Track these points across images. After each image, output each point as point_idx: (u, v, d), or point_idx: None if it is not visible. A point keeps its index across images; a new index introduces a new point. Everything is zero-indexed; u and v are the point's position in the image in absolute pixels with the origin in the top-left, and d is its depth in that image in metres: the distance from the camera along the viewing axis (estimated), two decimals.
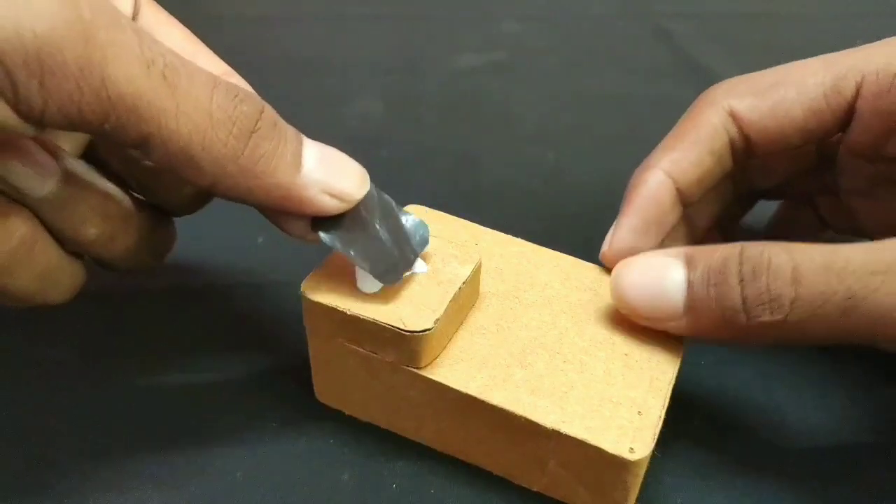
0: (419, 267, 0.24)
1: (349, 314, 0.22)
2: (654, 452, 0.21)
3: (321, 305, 0.23)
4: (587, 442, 0.21)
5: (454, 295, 0.23)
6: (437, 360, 0.23)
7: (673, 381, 0.23)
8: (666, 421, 0.22)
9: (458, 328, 0.24)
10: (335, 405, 0.26)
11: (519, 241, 0.28)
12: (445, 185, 0.39)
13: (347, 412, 0.26)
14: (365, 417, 0.26)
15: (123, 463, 0.25)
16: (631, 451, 0.21)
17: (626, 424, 0.22)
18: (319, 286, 0.23)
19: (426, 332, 0.22)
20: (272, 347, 0.29)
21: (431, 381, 0.23)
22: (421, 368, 0.23)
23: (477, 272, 0.24)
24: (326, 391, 0.26)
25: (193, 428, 0.26)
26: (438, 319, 0.22)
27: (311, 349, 0.25)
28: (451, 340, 0.24)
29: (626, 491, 0.22)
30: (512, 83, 0.49)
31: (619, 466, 0.21)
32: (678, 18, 0.57)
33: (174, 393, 0.27)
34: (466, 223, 0.28)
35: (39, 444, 0.25)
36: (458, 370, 0.23)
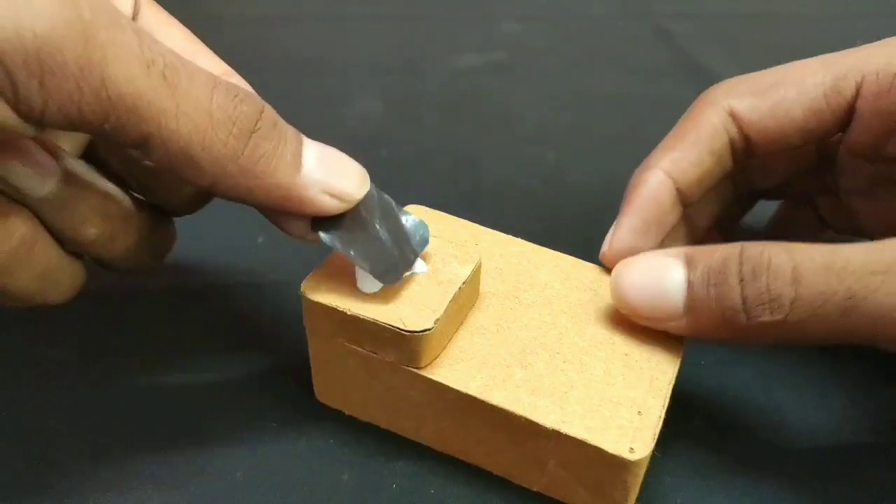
0: (419, 267, 0.24)
1: (349, 314, 0.22)
2: (654, 452, 0.21)
3: (321, 305, 0.23)
4: (587, 442, 0.21)
5: (454, 295, 0.23)
6: (437, 360, 0.23)
7: (673, 381, 0.23)
8: (666, 421, 0.22)
9: (458, 328, 0.24)
10: (335, 405, 0.26)
11: (519, 241, 0.28)
12: (445, 185, 0.39)
13: (347, 412, 0.26)
14: (365, 417, 0.26)
15: (123, 463, 0.25)
16: (631, 451, 0.21)
17: (626, 424, 0.22)
18: (319, 286, 0.23)
19: (426, 332, 0.22)
20: (272, 347, 0.29)
21: (431, 381, 0.23)
22: (421, 368, 0.23)
23: (477, 272, 0.24)
24: (326, 391, 0.26)
25: (193, 428, 0.26)
26: (438, 319, 0.22)
27: (310, 349, 0.25)
28: (451, 340, 0.24)
29: (625, 491, 0.22)
30: (512, 83, 0.49)
31: (618, 466, 0.21)
32: (678, 18, 0.57)
33: (174, 393, 0.27)
34: (466, 223, 0.28)
35: (39, 444, 0.25)
36: (458, 370, 0.23)
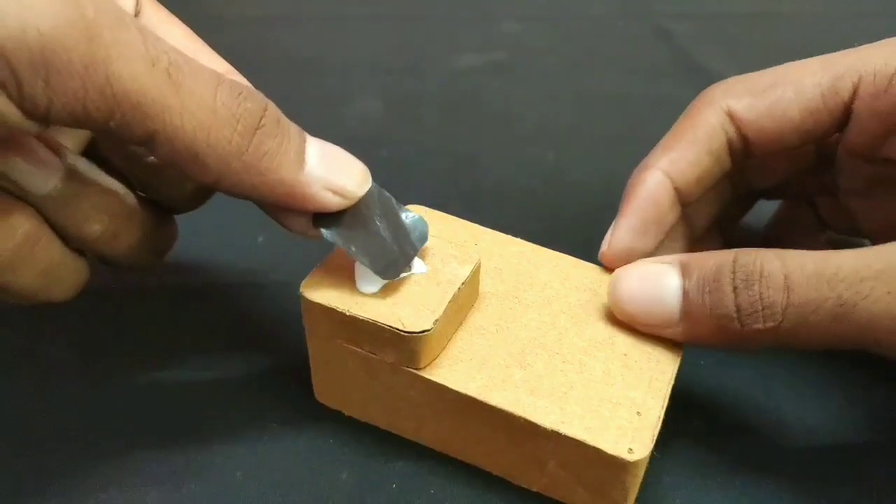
0: (418, 267, 0.24)
1: (348, 315, 0.22)
2: (653, 453, 0.21)
3: (320, 306, 0.23)
4: (586, 442, 0.21)
5: (453, 295, 0.23)
6: (436, 360, 0.23)
7: (672, 381, 0.23)
8: (665, 421, 0.22)
9: (457, 328, 0.24)
10: (334, 406, 0.26)
11: (518, 241, 0.28)
12: (445, 185, 0.39)
13: (347, 413, 0.26)
14: (364, 418, 0.26)
15: (123, 462, 0.25)
16: (630, 451, 0.21)
17: (625, 425, 0.22)
18: (318, 286, 0.23)
19: (425, 332, 0.22)
20: (272, 347, 0.29)
21: (431, 381, 0.23)
22: (420, 369, 0.23)
23: (476, 272, 0.24)
24: (326, 391, 0.26)
25: (193, 427, 0.26)
26: (438, 320, 0.22)
27: (310, 349, 0.25)
28: (450, 341, 0.24)
29: (625, 491, 0.22)
30: (512, 83, 0.49)
31: (618, 467, 0.21)
32: (678, 18, 0.57)
33: (174, 392, 0.27)
34: (466, 223, 0.28)
35: (39, 443, 0.25)
36: (457, 371, 0.23)
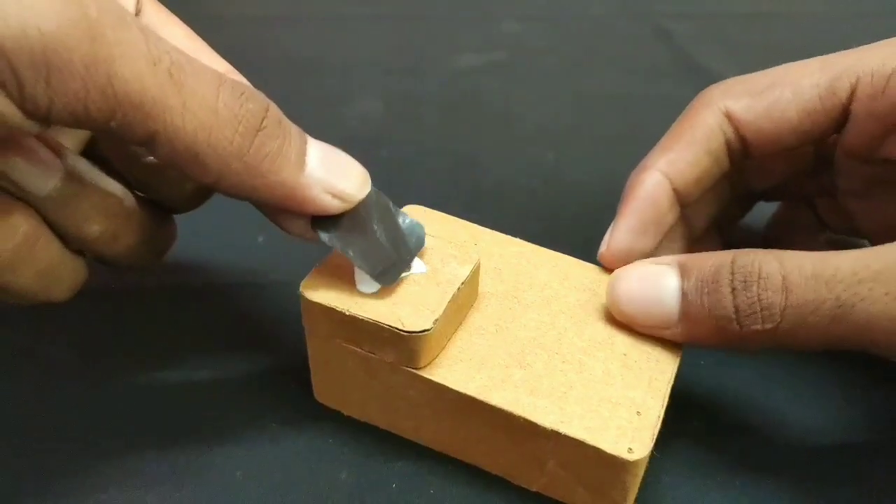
0: (418, 267, 0.24)
1: (348, 314, 0.22)
2: (652, 452, 0.21)
3: (320, 306, 0.23)
4: (586, 442, 0.21)
5: (453, 295, 0.23)
6: (435, 360, 0.23)
7: (672, 381, 0.23)
8: (665, 421, 0.22)
9: (456, 328, 0.24)
10: (334, 406, 0.26)
11: (518, 241, 0.28)
12: (445, 185, 0.39)
13: (346, 413, 0.26)
14: (364, 418, 0.26)
15: (123, 462, 0.25)
16: (630, 451, 0.21)
17: (624, 425, 0.22)
18: (318, 286, 0.23)
19: (425, 332, 0.22)
20: (272, 347, 0.29)
21: (430, 381, 0.23)
22: (420, 369, 0.23)
23: (476, 272, 0.24)
24: (325, 391, 0.26)
25: (193, 428, 0.26)
26: (437, 320, 0.22)
27: (309, 349, 0.25)
28: (449, 341, 0.24)
29: (624, 491, 0.22)
30: (512, 83, 0.49)
31: (617, 467, 0.21)
32: (678, 18, 0.57)
33: (174, 393, 0.27)
34: (465, 223, 0.28)
35: (39, 443, 0.25)
36: (456, 370, 0.23)
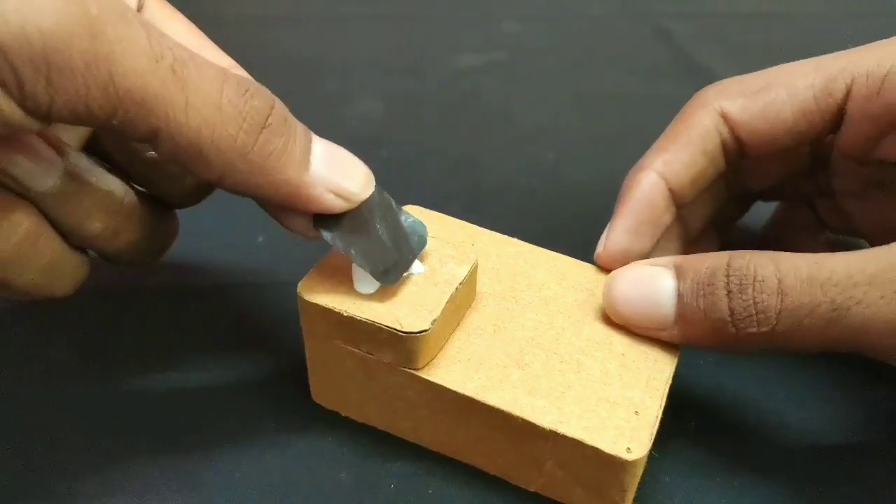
0: (416, 268, 0.24)
1: (346, 315, 0.22)
2: (651, 452, 0.21)
3: (317, 306, 0.23)
4: (584, 442, 0.21)
5: (451, 296, 0.23)
6: (434, 360, 0.23)
7: (670, 380, 0.23)
8: (663, 421, 0.22)
9: (454, 329, 0.24)
10: (332, 406, 0.26)
11: (516, 241, 0.28)
12: (445, 185, 0.39)
13: (344, 413, 0.26)
14: (362, 419, 0.26)
15: (122, 462, 0.25)
16: (628, 451, 0.21)
17: (623, 424, 0.22)
18: (316, 287, 0.23)
19: (423, 332, 0.22)
20: (271, 348, 0.29)
21: (428, 382, 0.23)
22: (418, 369, 0.23)
23: (474, 273, 0.24)
24: (323, 392, 0.26)
25: (192, 428, 0.26)
26: (435, 320, 0.22)
27: (307, 350, 0.25)
28: (447, 341, 0.24)
29: (623, 491, 0.22)
30: (512, 83, 0.49)
31: (616, 467, 0.21)
32: (678, 18, 0.57)
33: (173, 393, 0.27)
34: (463, 224, 0.28)
35: (39, 443, 0.25)
36: (455, 371, 0.23)
